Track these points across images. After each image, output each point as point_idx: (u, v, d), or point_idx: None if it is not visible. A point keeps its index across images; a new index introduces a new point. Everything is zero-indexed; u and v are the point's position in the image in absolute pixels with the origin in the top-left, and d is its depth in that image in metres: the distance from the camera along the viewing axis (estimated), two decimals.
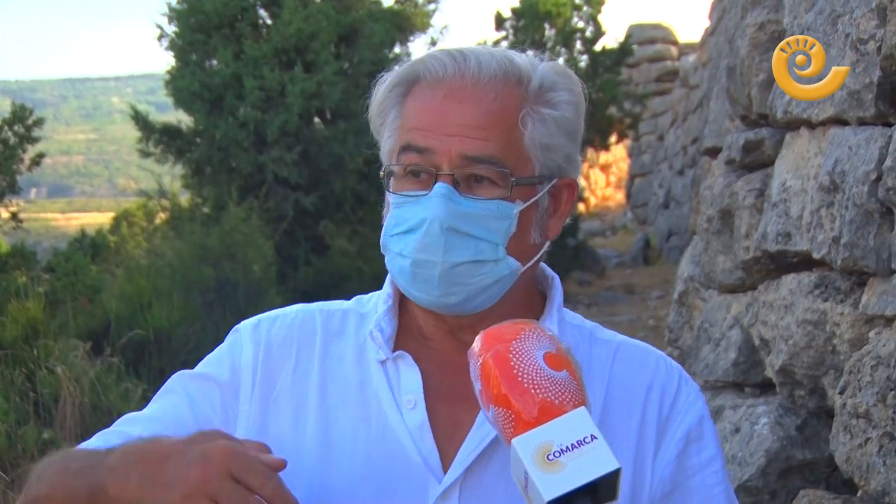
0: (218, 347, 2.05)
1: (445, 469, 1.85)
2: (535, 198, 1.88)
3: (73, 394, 9.10)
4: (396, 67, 1.93)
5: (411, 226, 1.83)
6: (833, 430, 3.43)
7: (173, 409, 1.96)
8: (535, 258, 1.93)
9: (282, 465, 1.68)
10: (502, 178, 1.84)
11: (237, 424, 1.93)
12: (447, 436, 1.88)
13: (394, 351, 1.93)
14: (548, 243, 1.95)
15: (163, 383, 2.04)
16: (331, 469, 1.87)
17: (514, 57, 1.89)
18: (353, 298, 2.08)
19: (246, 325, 2.05)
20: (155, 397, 2.01)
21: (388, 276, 2.01)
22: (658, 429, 1.93)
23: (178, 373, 2.03)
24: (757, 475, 3.95)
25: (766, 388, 4.43)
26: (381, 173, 1.93)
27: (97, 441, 1.94)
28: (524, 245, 1.89)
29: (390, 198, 1.88)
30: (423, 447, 1.86)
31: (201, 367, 2.02)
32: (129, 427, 1.94)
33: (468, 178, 1.83)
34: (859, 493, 3.36)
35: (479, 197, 1.83)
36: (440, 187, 1.81)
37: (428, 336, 1.96)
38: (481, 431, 1.85)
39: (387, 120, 1.90)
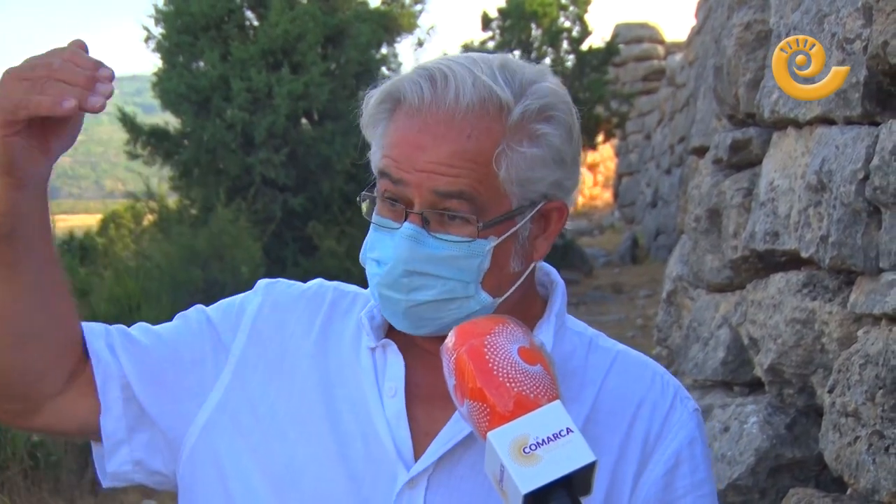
0: (238, 295, 2.10)
1: (417, 460, 1.85)
2: (512, 230, 1.84)
3: None
4: (388, 74, 1.92)
5: (379, 258, 1.83)
6: (822, 428, 3.44)
7: (176, 333, 2.01)
8: (517, 284, 1.88)
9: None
10: (474, 216, 1.80)
11: (224, 367, 1.97)
12: (423, 430, 1.87)
13: (383, 339, 1.93)
14: (533, 264, 1.91)
15: None
16: (311, 442, 1.88)
17: (497, 82, 1.81)
18: None
19: (264, 281, 2.10)
20: (175, 318, 2.08)
21: None
22: (644, 447, 1.88)
23: (197, 306, 2.09)
24: (746, 474, 3.96)
25: (754, 386, 4.44)
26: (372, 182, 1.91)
27: (114, 328, 2.04)
28: (503, 276, 1.85)
29: (372, 216, 1.86)
30: (397, 435, 1.85)
31: (215, 307, 2.07)
32: (140, 333, 2.04)
33: (440, 216, 1.79)
34: (849, 492, 3.36)
35: (449, 236, 1.80)
36: (408, 228, 1.79)
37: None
38: (456, 428, 1.84)
39: (376, 132, 1.88)
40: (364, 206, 1.87)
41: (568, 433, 1.52)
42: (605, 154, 33.39)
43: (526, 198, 1.84)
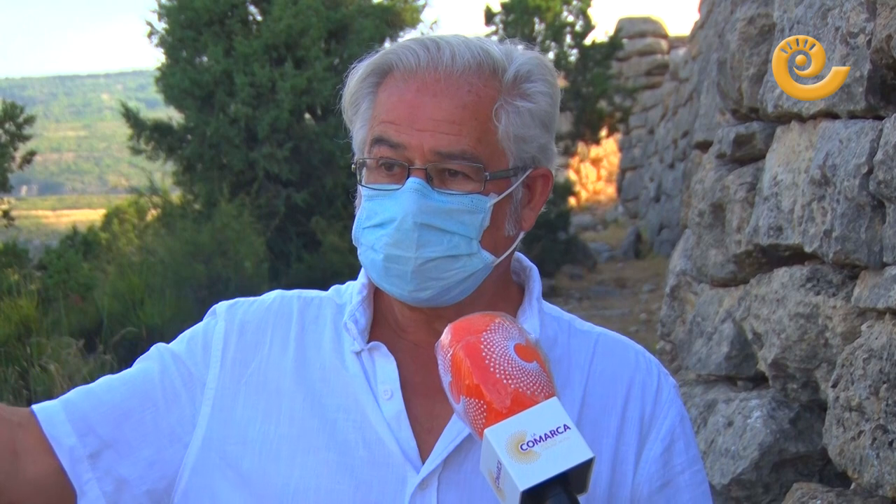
0: (195, 325, 2.03)
1: (423, 460, 1.84)
2: (509, 190, 1.87)
3: (67, 392, 9.08)
4: (368, 57, 1.92)
5: (383, 220, 1.82)
6: (826, 423, 3.44)
7: (144, 375, 1.94)
8: (510, 250, 1.92)
9: None
10: (476, 173, 1.82)
11: (202, 402, 1.92)
12: (424, 427, 1.87)
13: (368, 342, 1.92)
14: (522, 234, 1.94)
15: None
16: (308, 457, 1.85)
17: (489, 47, 1.86)
18: (332, 288, 2.07)
19: (222, 305, 2.04)
20: (135, 362, 2.00)
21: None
22: (641, 427, 1.93)
23: (157, 345, 2.01)
24: (750, 468, 3.96)
25: (758, 381, 4.44)
26: (353, 165, 1.91)
27: (73, 394, 1.97)
28: (498, 237, 1.88)
29: (362, 190, 1.86)
30: (400, 437, 1.85)
31: (177, 342, 2.00)
32: (104, 389, 1.95)
33: (441, 173, 1.81)
34: (853, 486, 3.37)
35: (452, 191, 1.82)
36: (413, 182, 1.80)
37: (403, 327, 1.95)
38: (459, 423, 1.84)
39: (359, 110, 1.89)
40: (363, 174, 1.87)
41: (565, 430, 1.51)
42: (608, 149, 33.37)
43: (520, 158, 1.88)
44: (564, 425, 1.52)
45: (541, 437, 1.50)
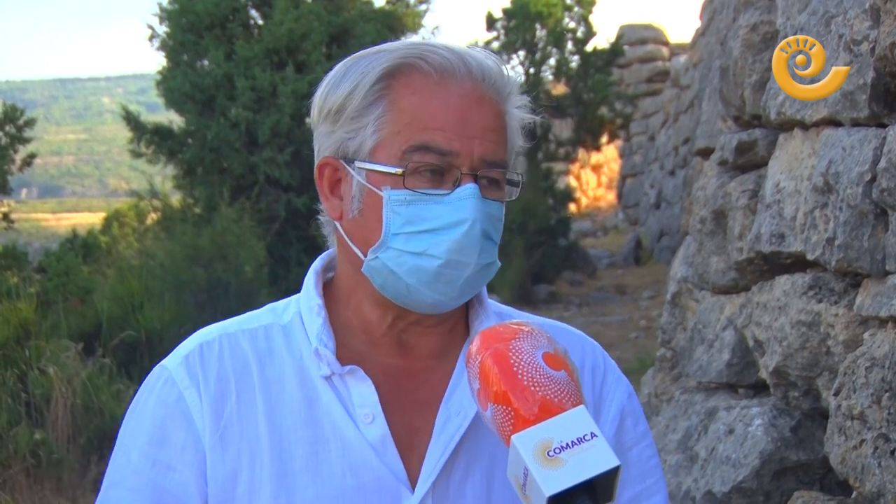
0: (146, 408, 1.89)
1: (411, 478, 1.83)
2: (512, 198, 1.90)
3: (65, 395, 9.08)
4: (362, 61, 1.88)
5: (440, 224, 1.79)
6: (828, 431, 3.43)
7: None
8: None
9: None
10: (502, 180, 1.85)
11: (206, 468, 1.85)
12: (406, 445, 1.85)
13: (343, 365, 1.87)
14: None
15: None
16: (295, 496, 1.81)
17: (493, 57, 1.88)
18: (266, 308, 2.01)
19: (172, 368, 1.90)
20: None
21: (311, 283, 1.95)
22: (594, 410, 1.94)
23: (113, 482, 1.87)
24: (751, 476, 3.95)
25: (759, 389, 4.43)
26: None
27: None
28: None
29: (389, 194, 1.81)
30: (387, 460, 1.83)
31: (145, 450, 1.85)
32: None
33: (481, 180, 1.82)
34: (854, 495, 3.35)
35: (493, 199, 1.84)
36: (474, 188, 1.80)
37: (376, 342, 1.92)
38: (442, 438, 1.85)
39: (369, 114, 1.84)
40: (411, 179, 1.81)
41: (592, 438, 1.51)
42: (609, 155, 33.40)
43: (513, 165, 1.91)
44: (591, 433, 1.52)
45: (567, 445, 1.50)
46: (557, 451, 1.50)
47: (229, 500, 1.82)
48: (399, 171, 1.80)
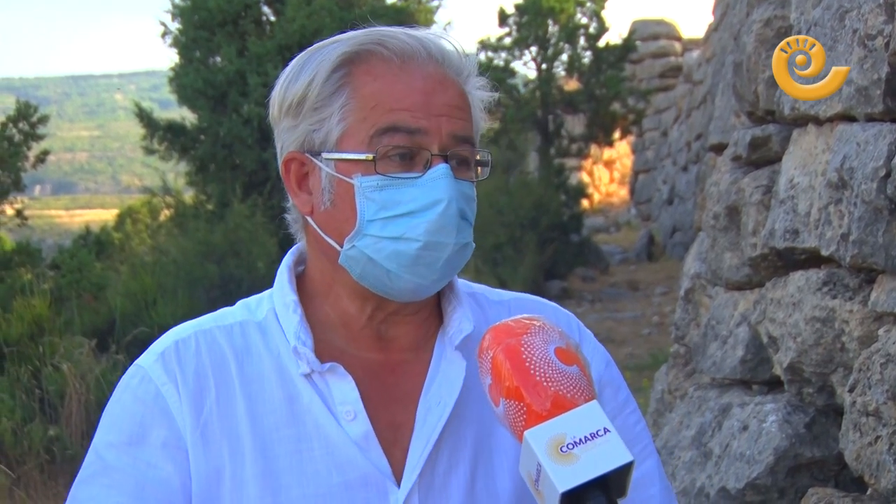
0: (123, 407, 1.85)
1: (396, 472, 1.82)
2: (482, 177, 1.89)
3: (79, 391, 9.11)
4: (320, 51, 1.89)
5: (415, 207, 1.77)
6: (842, 427, 3.42)
7: None
8: None
9: None
10: (472, 159, 1.85)
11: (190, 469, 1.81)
12: (389, 440, 1.84)
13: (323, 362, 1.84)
14: None
15: None
16: (280, 496, 1.79)
17: (448, 39, 1.90)
18: (239, 304, 2.00)
19: (147, 366, 1.87)
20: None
21: (285, 279, 1.94)
22: None
23: (84, 479, 1.83)
24: (765, 473, 3.93)
25: (773, 385, 4.42)
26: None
27: None
28: None
29: (361, 181, 1.79)
30: (371, 457, 1.81)
31: (124, 449, 1.81)
32: None
33: (452, 160, 1.81)
34: (869, 492, 3.34)
35: (464, 179, 1.83)
36: (445, 168, 1.79)
37: (355, 337, 1.90)
38: (424, 431, 1.84)
39: (332, 103, 1.82)
40: (353, 166, 1.80)
41: (605, 433, 1.51)
42: (621, 151, 33.38)
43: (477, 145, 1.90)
44: (604, 428, 1.51)
45: (581, 440, 1.50)
46: (570, 446, 1.49)
47: (215, 498, 1.79)
48: (370, 156, 1.78)
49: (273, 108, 1.92)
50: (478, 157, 1.86)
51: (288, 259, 2.00)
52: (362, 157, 1.79)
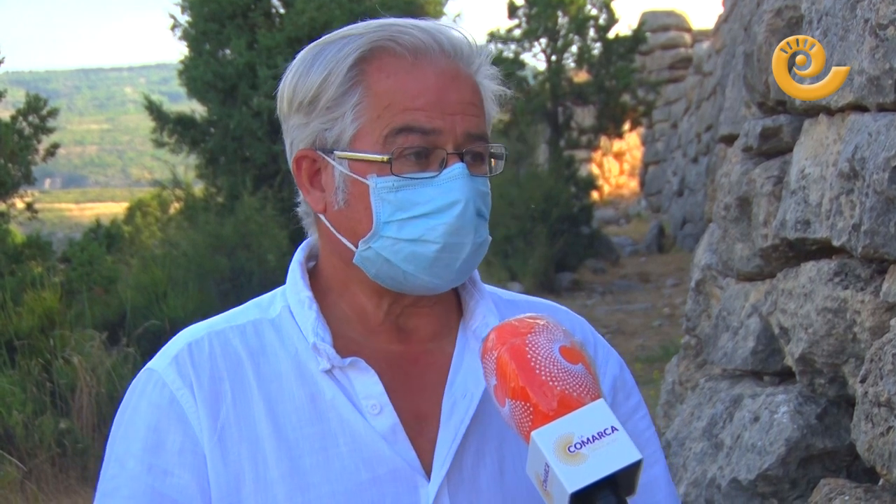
0: (138, 413, 1.82)
1: (425, 464, 1.81)
2: (496, 173, 1.87)
3: (90, 384, 9.13)
4: (331, 45, 1.86)
5: (432, 208, 1.76)
6: (854, 418, 3.41)
7: None
8: None
9: None
10: (486, 154, 1.83)
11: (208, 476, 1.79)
12: (415, 432, 1.82)
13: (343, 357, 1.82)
14: None
15: None
16: (309, 494, 1.76)
17: (459, 30, 1.88)
18: (251, 303, 1.96)
19: (160, 370, 1.85)
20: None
21: (298, 276, 1.91)
22: None
23: (107, 492, 1.80)
24: (777, 464, 3.93)
25: (785, 376, 4.41)
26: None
27: None
28: None
29: (376, 181, 1.77)
30: (399, 450, 1.79)
31: (140, 456, 1.79)
32: None
33: (467, 156, 1.80)
34: (881, 482, 3.33)
35: (480, 175, 1.82)
36: (462, 168, 1.77)
37: (373, 331, 1.88)
38: (452, 423, 1.83)
39: (345, 102, 1.80)
40: (395, 165, 1.77)
41: (612, 432, 1.50)
42: (631, 142, 33.33)
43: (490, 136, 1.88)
44: (612, 427, 1.50)
45: (588, 439, 1.49)
46: (578, 446, 1.48)
47: (236, 502, 1.76)
48: (385, 157, 1.76)
49: (282, 103, 1.90)
50: (492, 150, 1.85)
51: (299, 255, 1.99)
52: (378, 157, 1.77)
